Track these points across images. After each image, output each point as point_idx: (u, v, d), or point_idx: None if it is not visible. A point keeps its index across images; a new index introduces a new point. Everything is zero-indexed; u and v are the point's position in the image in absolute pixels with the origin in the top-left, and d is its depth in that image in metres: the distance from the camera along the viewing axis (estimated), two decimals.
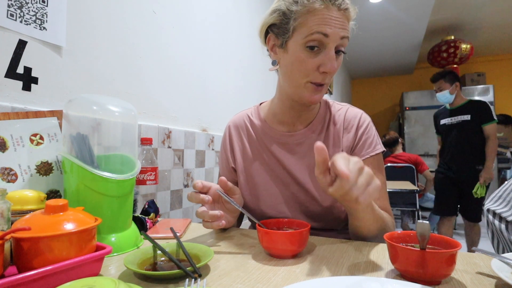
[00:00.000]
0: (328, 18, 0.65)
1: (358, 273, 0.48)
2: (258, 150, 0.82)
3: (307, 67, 0.68)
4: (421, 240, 0.45)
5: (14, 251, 0.41)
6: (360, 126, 0.79)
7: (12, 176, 0.64)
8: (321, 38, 0.65)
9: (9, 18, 0.72)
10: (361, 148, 0.77)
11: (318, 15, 0.65)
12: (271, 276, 0.47)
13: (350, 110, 0.82)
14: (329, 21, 0.65)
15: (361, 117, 0.80)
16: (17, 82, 0.74)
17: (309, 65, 0.67)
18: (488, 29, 4.54)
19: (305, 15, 0.66)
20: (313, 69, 0.68)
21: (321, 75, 0.68)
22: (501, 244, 0.86)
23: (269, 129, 0.82)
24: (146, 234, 0.53)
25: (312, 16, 0.66)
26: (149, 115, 1.16)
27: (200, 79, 1.48)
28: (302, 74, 0.69)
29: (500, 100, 5.19)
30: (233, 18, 1.77)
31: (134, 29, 1.09)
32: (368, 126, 0.79)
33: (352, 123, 0.79)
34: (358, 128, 0.78)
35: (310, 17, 0.66)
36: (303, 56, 0.67)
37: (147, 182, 0.84)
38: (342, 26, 0.66)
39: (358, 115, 0.80)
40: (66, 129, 0.62)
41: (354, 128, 0.78)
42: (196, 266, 0.45)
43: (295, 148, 0.79)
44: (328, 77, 0.69)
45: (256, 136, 0.83)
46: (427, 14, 3.56)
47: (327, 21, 0.65)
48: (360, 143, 0.77)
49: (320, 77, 0.68)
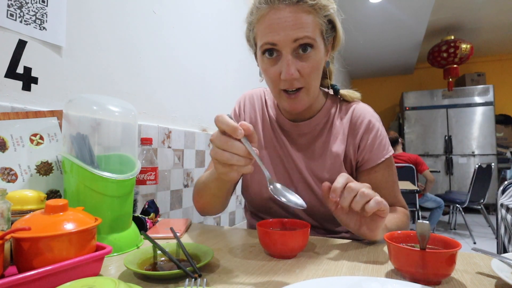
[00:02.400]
0: (275, 22, 0.60)
1: (358, 273, 0.48)
2: (269, 133, 0.80)
3: (271, 76, 0.65)
4: (421, 240, 0.45)
5: (14, 251, 0.41)
6: (371, 128, 0.75)
7: (12, 176, 0.64)
8: (271, 48, 0.62)
9: (9, 18, 0.72)
10: (376, 152, 0.74)
11: (265, 22, 0.61)
12: (271, 276, 0.47)
13: (359, 107, 0.78)
14: (275, 27, 0.60)
15: (371, 117, 0.76)
16: (17, 82, 0.74)
17: (271, 74, 0.65)
18: (488, 29, 4.54)
19: (257, 25, 0.64)
20: (277, 77, 0.64)
21: (287, 81, 0.63)
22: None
23: (279, 115, 0.80)
24: (146, 234, 0.53)
25: (261, 25, 0.63)
26: (149, 115, 1.16)
27: (200, 79, 1.48)
28: (271, 84, 0.67)
29: (500, 100, 5.20)
30: (233, 18, 1.77)
31: (134, 29, 1.09)
32: (379, 128, 0.76)
33: (361, 122, 0.75)
34: (368, 130, 0.75)
35: (260, 26, 0.63)
36: (265, 66, 0.65)
37: (147, 182, 0.84)
38: (294, 26, 0.59)
39: (368, 115, 0.77)
40: (66, 129, 0.62)
41: (363, 129, 0.75)
42: (196, 266, 0.45)
43: (297, 139, 0.78)
44: (297, 82, 0.64)
45: (270, 118, 0.81)
46: (427, 14, 3.56)
47: (273, 27, 0.60)
48: (375, 147, 0.74)
49: (287, 84, 0.64)
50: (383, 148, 0.75)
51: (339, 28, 0.68)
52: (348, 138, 0.76)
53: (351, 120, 0.76)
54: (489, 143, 4.78)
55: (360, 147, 0.75)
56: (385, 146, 0.75)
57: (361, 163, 0.76)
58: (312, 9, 0.61)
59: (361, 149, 0.75)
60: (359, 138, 0.75)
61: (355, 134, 0.75)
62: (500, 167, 4.68)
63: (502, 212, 0.89)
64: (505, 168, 4.59)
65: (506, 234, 0.89)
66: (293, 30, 0.59)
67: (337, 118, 0.77)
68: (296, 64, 0.62)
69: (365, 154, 0.75)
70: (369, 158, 0.74)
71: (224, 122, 0.47)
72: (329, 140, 0.76)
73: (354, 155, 0.76)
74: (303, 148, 0.77)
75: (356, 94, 0.80)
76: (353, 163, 0.77)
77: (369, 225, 0.58)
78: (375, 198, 0.54)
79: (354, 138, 0.75)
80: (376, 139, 0.75)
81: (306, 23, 0.60)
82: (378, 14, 3.56)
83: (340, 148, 0.75)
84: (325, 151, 0.76)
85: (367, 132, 0.75)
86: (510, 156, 4.80)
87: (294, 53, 0.62)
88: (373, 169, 0.75)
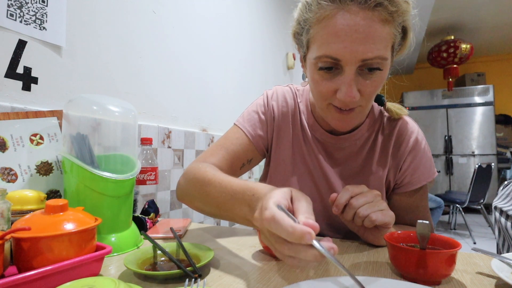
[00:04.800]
0: (343, 30, 0.48)
1: (358, 273, 0.47)
2: (299, 142, 0.71)
3: (322, 91, 0.55)
4: (421, 240, 0.45)
5: (14, 251, 0.41)
6: (417, 150, 0.68)
7: (12, 176, 0.64)
8: (332, 61, 0.51)
9: (9, 18, 0.72)
10: (418, 175, 0.68)
11: (329, 26, 0.49)
12: (271, 276, 0.47)
13: (405, 124, 0.70)
14: (342, 37, 0.48)
15: (417, 136, 0.69)
16: (17, 82, 0.74)
17: (324, 88, 0.54)
18: (488, 29, 4.54)
19: (316, 26, 0.52)
20: (330, 93, 0.55)
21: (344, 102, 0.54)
22: (507, 242, 0.86)
23: (313, 123, 0.70)
24: (146, 234, 0.53)
25: (322, 29, 0.50)
26: (149, 115, 1.16)
27: (200, 79, 1.48)
28: (320, 97, 0.57)
29: (500, 100, 5.20)
30: (233, 18, 1.77)
31: (134, 29, 1.09)
32: (425, 148, 0.69)
33: (407, 141, 0.68)
34: (413, 151, 0.68)
35: (320, 30, 0.51)
36: (317, 77, 0.55)
37: (147, 182, 0.84)
38: (365, 40, 0.48)
39: (414, 133, 0.69)
40: (66, 129, 0.62)
41: (409, 149, 0.68)
42: (196, 266, 0.45)
43: (334, 152, 0.70)
44: (353, 102, 0.54)
45: (302, 125, 0.71)
46: (427, 14, 3.56)
47: (339, 37, 0.48)
48: (419, 169, 0.68)
49: (341, 102, 0.54)
50: (428, 171, 0.69)
51: (411, 37, 0.57)
52: (390, 158, 0.69)
53: (396, 138, 0.69)
54: (489, 143, 4.78)
55: (402, 168, 0.69)
56: (430, 169, 0.69)
57: (399, 185, 0.70)
58: (391, 17, 0.49)
59: (403, 170, 0.69)
60: (403, 158, 0.68)
61: (399, 154, 0.69)
62: (500, 167, 4.69)
63: (496, 215, 0.89)
64: (505, 168, 4.60)
65: (500, 236, 0.90)
66: (363, 45, 0.48)
67: (380, 134, 0.70)
68: (358, 83, 0.52)
69: (405, 176, 0.69)
70: (409, 181, 0.69)
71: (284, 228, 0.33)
72: (372, 158, 0.69)
73: (394, 175, 0.70)
74: (340, 163, 0.70)
75: (403, 111, 0.70)
76: (391, 184, 0.71)
77: (373, 232, 0.58)
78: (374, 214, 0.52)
79: (397, 157, 0.69)
80: (421, 160, 0.68)
81: (381, 37, 0.49)
82: None
83: (382, 169, 0.69)
84: (364, 170, 0.69)
85: (412, 152, 0.68)
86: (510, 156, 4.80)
87: (358, 71, 0.52)
88: (410, 193, 0.70)
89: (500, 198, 0.92)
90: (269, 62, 2.27)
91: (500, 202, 0.90)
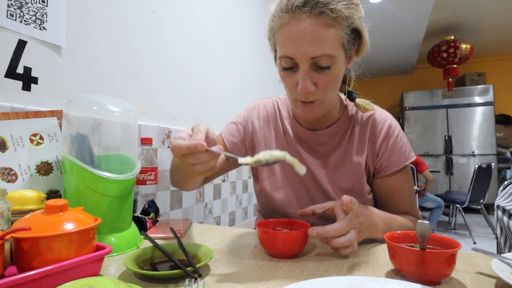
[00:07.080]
0: (294, 35, 0.57)
1: (358, 273, 0.48)
2: (283, 144, 0.79)
3: (288, 85, 0.65)
4: (421, 240, 0.45)
5: (14, 251, 0.41)
6: (391, 134, 0.74)
7: (12, 176, 0.64)
8: (289, 61, 0.61)
9: (9, 18, 0.72)
10: (395, 158, 0.73)
11: (285, 32, 0.59)
12: (271, 276, 0.47)
13: (379, 114, 0.77)
14: (294, 40, 0.58)
15: (390, 123, 0.76)
16: (17, 82, 0.74)
17: (288, 83, 0.64)
18: (488, 29, 4.54)
19: (278, 33, 0.62)
20: (293, 87, 0.64)
21: (303, 94, 0.63)
22: (509, 240, 0.86)
23: (294, 124, 0.79)
24: (146, 234, 0.53)
25: (281, 34, 0.60)
26: (149, 115, 1.16)
27: (200, 79, 1.48)
28: (288, 92, 0.67)
29: (500, 100, 5.19)
30: (233, 18, 1.77)
31: (134, 29, 1.09)
32: (399, 134, 0.75)
33: (381, 129, 0.75)
34: (388, 136, 0.74)
35: (280, 35, 0.61)
36: (283, 75, 0.65)
37: (147, 182, 0.84)
38: (312, 42, 0.57)
39: (387, 121, 0.76)
40: (66, 129, 0.62)
41: (382, 135, 0.74)
42: (196, 266, 0.45)
43: (316, 147, 0.77)
44: (312, 95, 0.63)
45: (283, 128, 0.80)
46: (427, 14, 3.56)
47: (292, 40, 0.58)
48: (394, 153, 0.73)
49: (303, 95, 0.63)
50: (403, 154, 0.74)
51: (365, 36, 0.65)
52: (368, 145, 0.75)
53: (371, 128, 0.76)
54: (489, 143, 4.78)
55: (379, 154, 0.74)
56: (405, 153, 0.74)
57: (378, 169, 0.75)
58: (335, 22, 0.57)
59: (380, 155, 0.74)
60: (378, 145, 0.74)
61: (375, 141, 0.75)
62: (500, 167, 4.68)
63: (498, 214, 0.89)
64: (505, 168, 4.59)
65: (502, 235, 0.90)
66: (311, 46, 0.57)
67: (357, 125, 0.76)
68: (312, 77, 0.61)
69: (383, 160, 0.74)
70: (387, 165, 0.74)
71: (181, 147, 0.46)
72: (351, 149, 0.75)
73: (373, 161, 0.75)
74: (323, 157, 0.76)
75: (371, 106, 0.77)
76: (371, 170, 0.76)
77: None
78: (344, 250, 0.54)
79: (373, 145, 0.75)
80: (395, 145, 0.74)
81: (326, 38, 0.57)
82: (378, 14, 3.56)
83: (361, 157, 0.74)
84: (346, 160, 0.75)
85: (386, 138, 0.74)
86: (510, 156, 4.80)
87: (311, 67, 0.61)
88: (389, 176, 0.74)
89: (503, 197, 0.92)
90: (269, 62, 2.27)
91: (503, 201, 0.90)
